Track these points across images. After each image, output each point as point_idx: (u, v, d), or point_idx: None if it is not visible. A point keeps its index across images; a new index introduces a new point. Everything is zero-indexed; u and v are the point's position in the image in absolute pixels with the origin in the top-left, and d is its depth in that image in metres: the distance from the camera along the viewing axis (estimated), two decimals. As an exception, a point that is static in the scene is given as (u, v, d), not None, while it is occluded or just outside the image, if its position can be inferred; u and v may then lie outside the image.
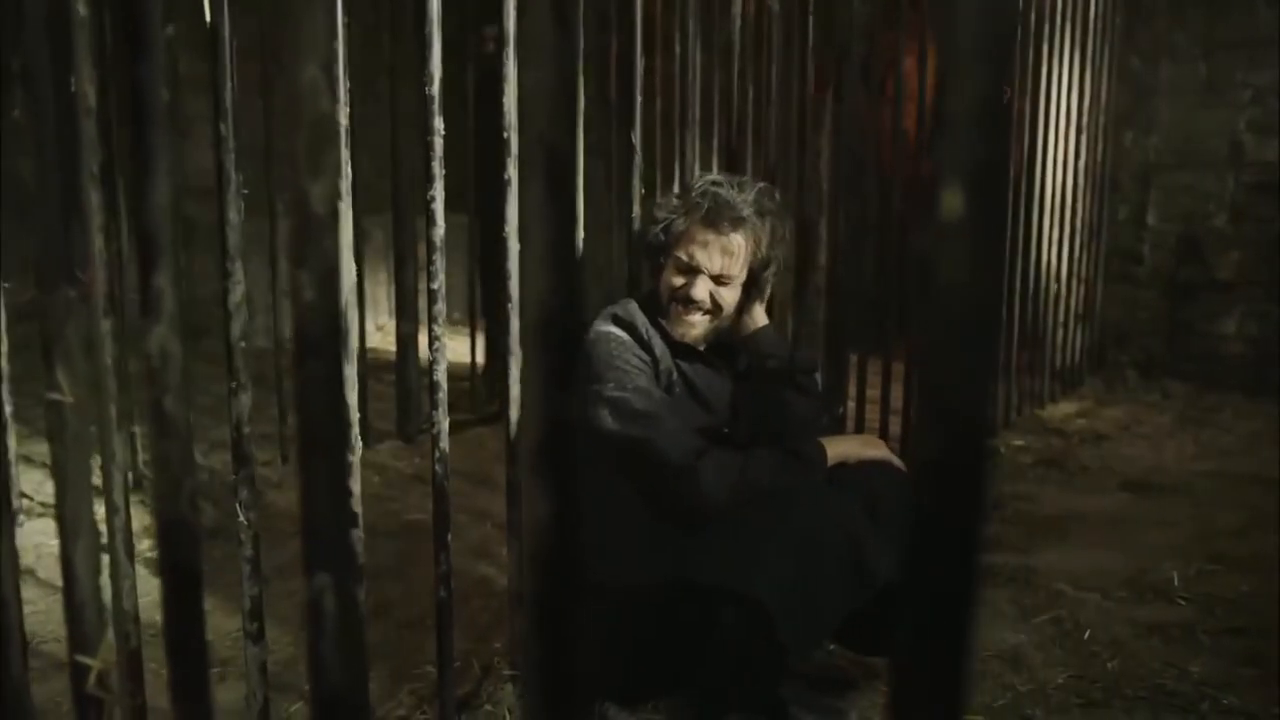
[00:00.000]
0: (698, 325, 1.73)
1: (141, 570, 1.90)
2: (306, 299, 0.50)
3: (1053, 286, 4.10)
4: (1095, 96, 4.26)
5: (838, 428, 2.89)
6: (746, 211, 1.69)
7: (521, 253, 0.40)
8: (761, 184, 1.78)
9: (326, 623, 0.53)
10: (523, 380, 0.40)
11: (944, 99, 0.31)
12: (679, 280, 1.72)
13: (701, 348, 1.78)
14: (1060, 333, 4.23)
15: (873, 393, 3.18)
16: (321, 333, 0.51)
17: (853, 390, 3.08)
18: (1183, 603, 2.23)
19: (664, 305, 1.74)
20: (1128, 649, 2.01)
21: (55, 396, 0.74)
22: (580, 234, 0.39)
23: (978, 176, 0.31)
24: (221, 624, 2.07)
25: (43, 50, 0.80)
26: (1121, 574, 2.39)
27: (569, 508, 0.39)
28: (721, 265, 1.70)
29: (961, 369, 0.32)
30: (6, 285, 2.21)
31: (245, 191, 1.40)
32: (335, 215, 0.50)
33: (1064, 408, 4.15)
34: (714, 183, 1.72)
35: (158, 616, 2.05)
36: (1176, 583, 2.32)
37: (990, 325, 0.32)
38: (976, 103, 0.30)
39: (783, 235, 1.77)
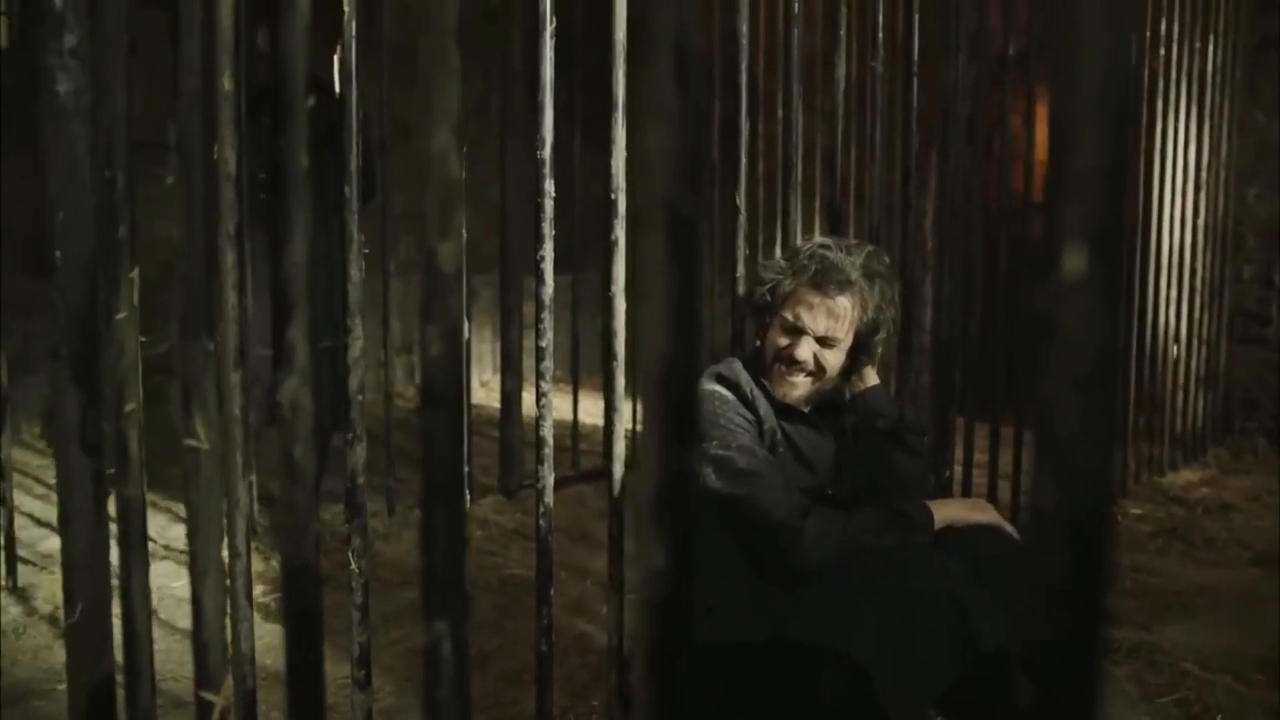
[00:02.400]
0: (800, 386, 1.73)
1: (255, 615, 1.97)
2: (433, 353, 0.52)
3: (1171, 348, 3.94)
4: (1215, 152, 4.12)
5: (943, 492, 2.82)
6: (854, 275, 1.69)
7: (640, 310, 0.42)
8: (871, 247, 1.77)
9: (443, 669, 0.55)
10: (642, 433, 0.41)
11: (1062, 160, 0.31)
12: (784, 341, 1.72)
13: (805, 409, 1.77)
14: (1180, 396, 4.05)
15: (980, 457, 3.09)
16: (446, 385, 0.53)
17: (959, 454, 3.00)
18: (1325, 688, 2.08)
19: (768, 365, 1.74)
20: (1263, 736, 1.88)
21: (192, 443, 0.79)
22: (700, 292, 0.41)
23: (1099, 236, 0.31)
24: (328, 670, 2.11)
25: (196, 122, 0.87)
26: (1255, 655, 2.24)
27: (685, 559, 0.40)
28: (827, 328, 1.69)
29: (1082, 424, 0.32)
30: (144, 339, 2.35)
31: (367, 250, 1.47)
32: (461, 274, 0.52)
33: (1186, 475, 3.95)
34: (822, 245, 1.72)
35: (269, 660, 2.12)
36: (1317, 666, 2.17)
37: (1111, 380, 0.32)
38: (1097, 164, 0.31)
39: (892, 298, 1.76)
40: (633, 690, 0.44)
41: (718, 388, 1.70)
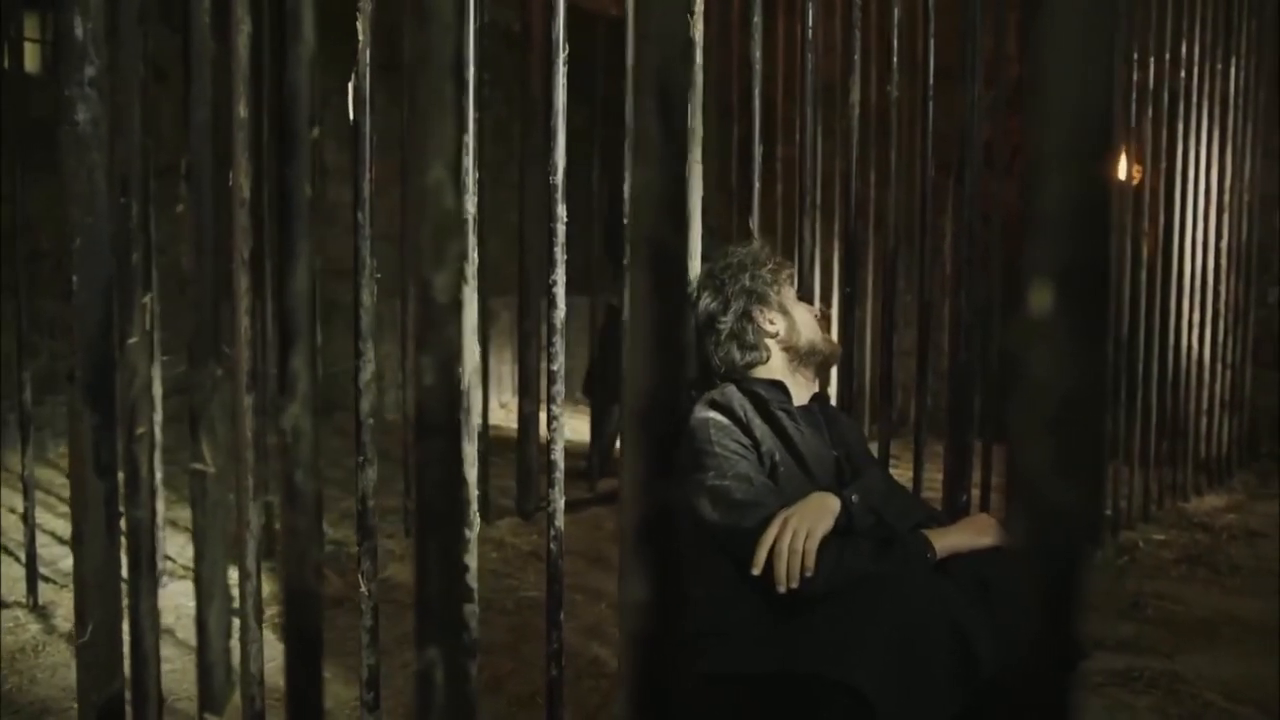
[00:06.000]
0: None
1: (268, 635, 1.97)
2: (427, 383, 0.53)
3: (1194, 372, 3.90)
4: (1238, 175, 4.09)
5: (961, 515, 2.79)
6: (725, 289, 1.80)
7: (627, 343, 0.42)
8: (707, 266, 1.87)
9: (435, 696, 0.55)
10: (625, 465, 0.41)
11: (1030, 198, 0.31)
12: (810, 314, 1.86)
13: (810, 398, 1.82)
14: (1204, 421, 4.00)
15: (998, 480, 3.07)
16: (440, 414, 0.54)
17: (977, 477, 2.98)
18: (1353, 721, 2.04)
19: (816, 336, 1.80)
20: (1288, 769, 1.84)
21: (198, 466, 0.80)
22: (690, 327, 0.41)
23: (1067, 276, 0.31)
24: (340, 693, 2.12)
25: (206, 150, 0.89)
26: (1280, 685, 2.20)
27: (668, 590, 0.40)
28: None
29: (1053, 465, 0.32)
30: (165, 359, 2.38)
31: (379, 275, 1.48)
32: (457, 304, 0.53)
33: (1210, 501, 3.89)
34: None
35: (281, 681, 2.12)
36: (1345, 698, 2.12)
37: (1087, 422, 0.32)
38: (1065, 201, 0.31)
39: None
40: (622, 721, 0.44)
41: (713, 414, 1.69)
